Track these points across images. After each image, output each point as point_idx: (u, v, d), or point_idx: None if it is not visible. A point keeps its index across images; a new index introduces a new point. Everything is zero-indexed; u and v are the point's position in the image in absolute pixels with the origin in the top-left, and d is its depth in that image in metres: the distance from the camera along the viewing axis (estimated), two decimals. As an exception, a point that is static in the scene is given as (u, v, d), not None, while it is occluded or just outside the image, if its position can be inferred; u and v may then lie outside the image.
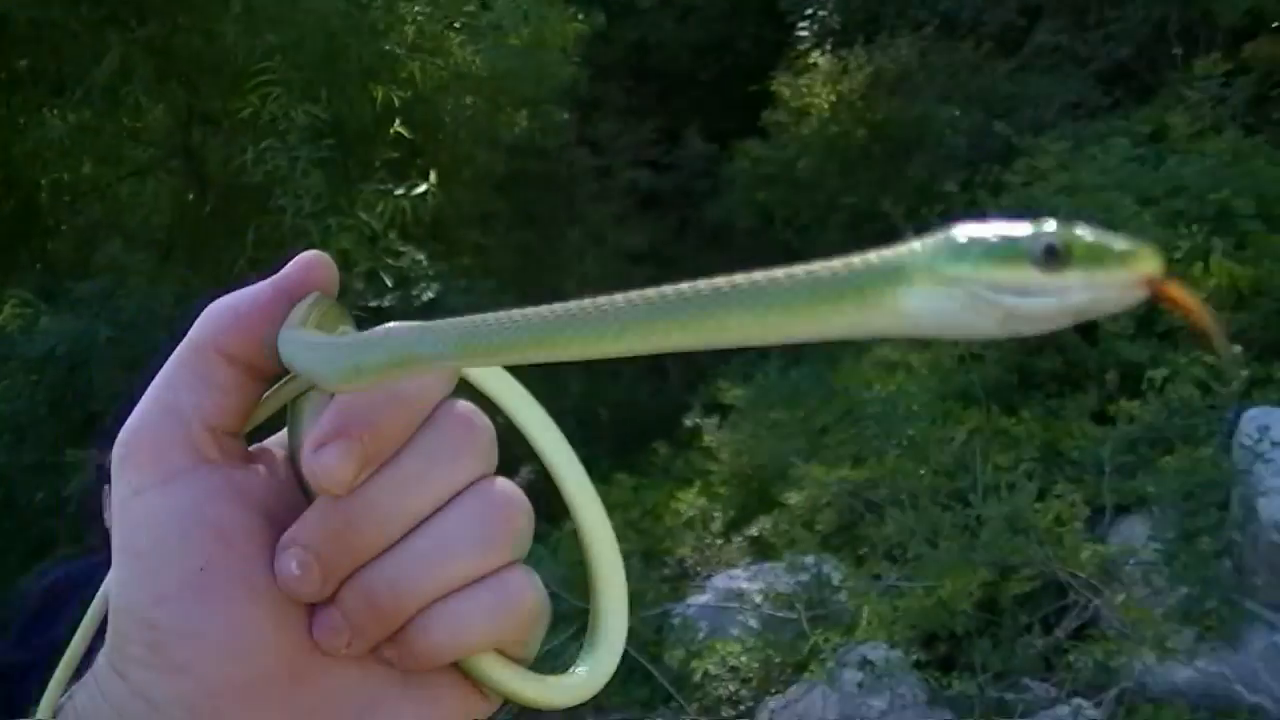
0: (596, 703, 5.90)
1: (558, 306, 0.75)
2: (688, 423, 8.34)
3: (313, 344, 0.81)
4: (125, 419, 0.85)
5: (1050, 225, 0.66)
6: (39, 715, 0.85)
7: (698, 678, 5.77)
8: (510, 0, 10.99)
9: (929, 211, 9.73)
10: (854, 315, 0.68)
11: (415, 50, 10.02)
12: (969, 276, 0.67)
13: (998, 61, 11.65)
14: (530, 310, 0.77)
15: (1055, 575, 5.58)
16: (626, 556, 0.95)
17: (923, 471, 6.43)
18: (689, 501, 7.29)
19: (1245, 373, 6.32)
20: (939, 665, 5.55)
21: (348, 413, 0.80)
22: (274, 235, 8.57)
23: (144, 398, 0.84)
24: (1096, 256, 0.66)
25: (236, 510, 0.81)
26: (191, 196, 10.08)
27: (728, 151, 12.55)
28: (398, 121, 9.47)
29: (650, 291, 0.73)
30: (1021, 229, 0.67)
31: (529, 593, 0.84)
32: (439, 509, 0.82)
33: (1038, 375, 7.12)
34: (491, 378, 0.95)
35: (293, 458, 0.85)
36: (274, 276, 0.84)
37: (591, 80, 12.30)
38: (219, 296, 0.86)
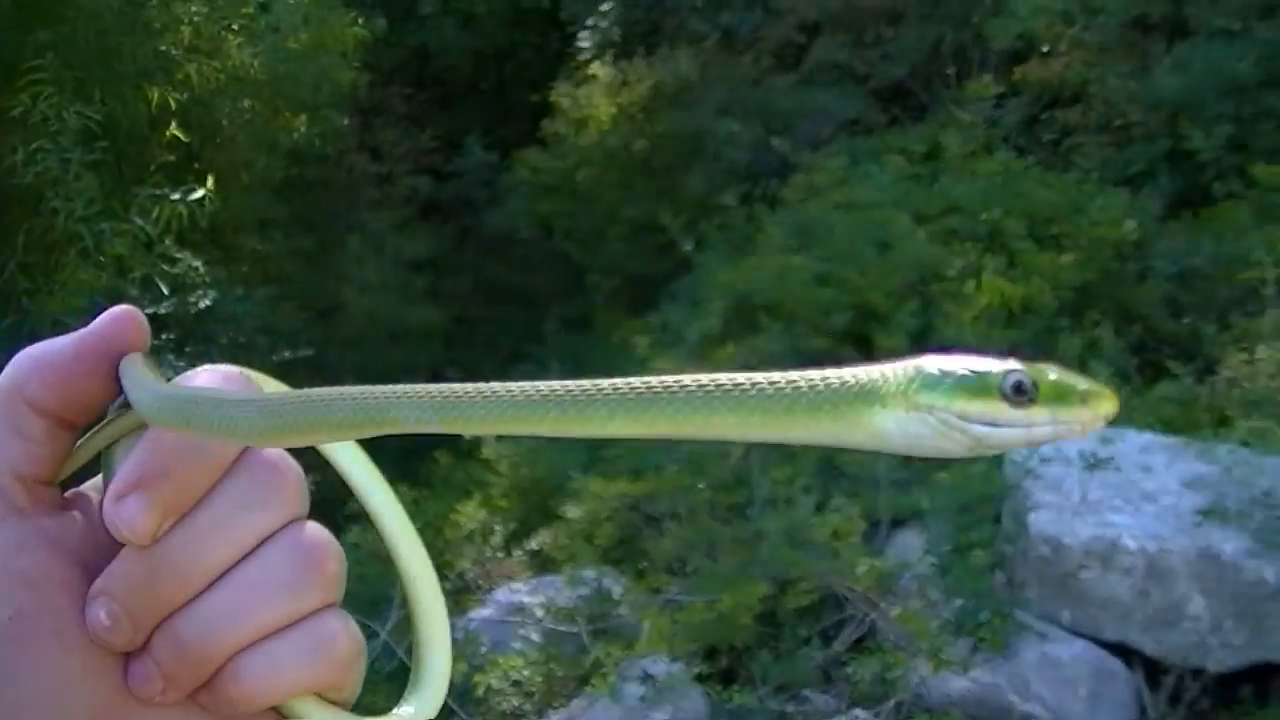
0: (374, 713, 5.88)
1: (497, 386, 0.77)
2: (469, 434, 8.33)
3: (159, 391, 0.81)
4: None
5: (1016, 364, 0.74)
6: None
7: (480, 692, 5.74)
8: (289, 3, 10.87)
9: (707, 224, 9.82)
10: (830, 428, 0.73)
11: (192, 51, 9.86)
12: (942, 406, 0.74)
13: (777, 77, 11.78)
14: (459, 389, 0.78)
15: (833, 588, 5.65)
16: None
17: (701, 486, 6.47)
18: (470, 514, 7.26)
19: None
20: (720, 678, 5.59)
21: (148, 462, 0.79)
22: (46, 239, 8.35)
23: None
24: (1061, 395, 0.74)
25: (48, 559, 0.80)
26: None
27: (508, 161, 12.53)
28: (174, 124, 9.31)
29: (639, 382, 0.77)
30: (992, 364, 0.74)
31: (342, 636, 0.84)
32: (248, 555, 0.82)
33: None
34: None
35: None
36: (83, 330, 0.83)
37: (372, 86, 12.22)
38: (27, 346, 0.85)
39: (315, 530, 0.84)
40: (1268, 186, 7.16)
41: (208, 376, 0.85)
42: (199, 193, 8.82)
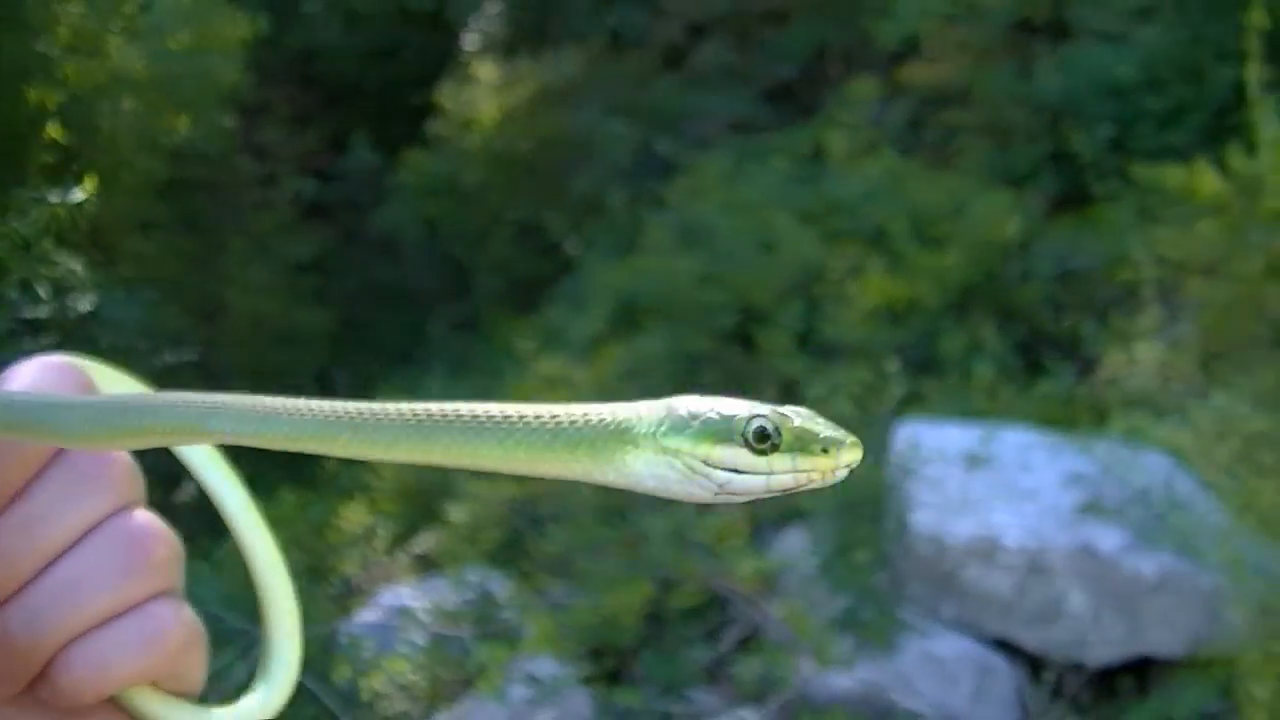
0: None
1: (314, 405, 0.78)
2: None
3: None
4: None
5: (764, 409, 0.78)
6: None
7: (366, 696, 5.71)
8: (171, 3, 10.77)
9: (592, 225, 9.83)
10: (587, 465, 0.77)
11: (71, 51, 9.75)
12: (687, 451, 0.77)
13: (663, 77, 11.80)
14: (265, 403, 0.78)
15: (718, 589, 5.66)
16: (293, 574, 0.95)
17: (584, 488, 6.46)
18: (353, 518, 7.22)
19: (899, 389, 6.52)
20: (606, 679, 5.59)
21: None
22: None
23: None
24: (804, 444, 0.76)
25: None
26: None
27: (393, 162, 12.47)
28: (52, 124, 9.20)
29: (421, 408, 0.79)
30: (738, 409, 0.78)
31: (174, 624, 0.83)
32: (75, 543, 0.81)
33: (700, 390, 7.21)
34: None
35: None
36: None
37: (256, 86, 12.11)
38: None
39: (144, 517, 0.83)
40: (1147, 187, 7.24)
41: (34, 368, 0.84)
42: (79, 194, 8.72)
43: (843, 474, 0.77)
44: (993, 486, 5.64)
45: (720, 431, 0.78)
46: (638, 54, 12.09)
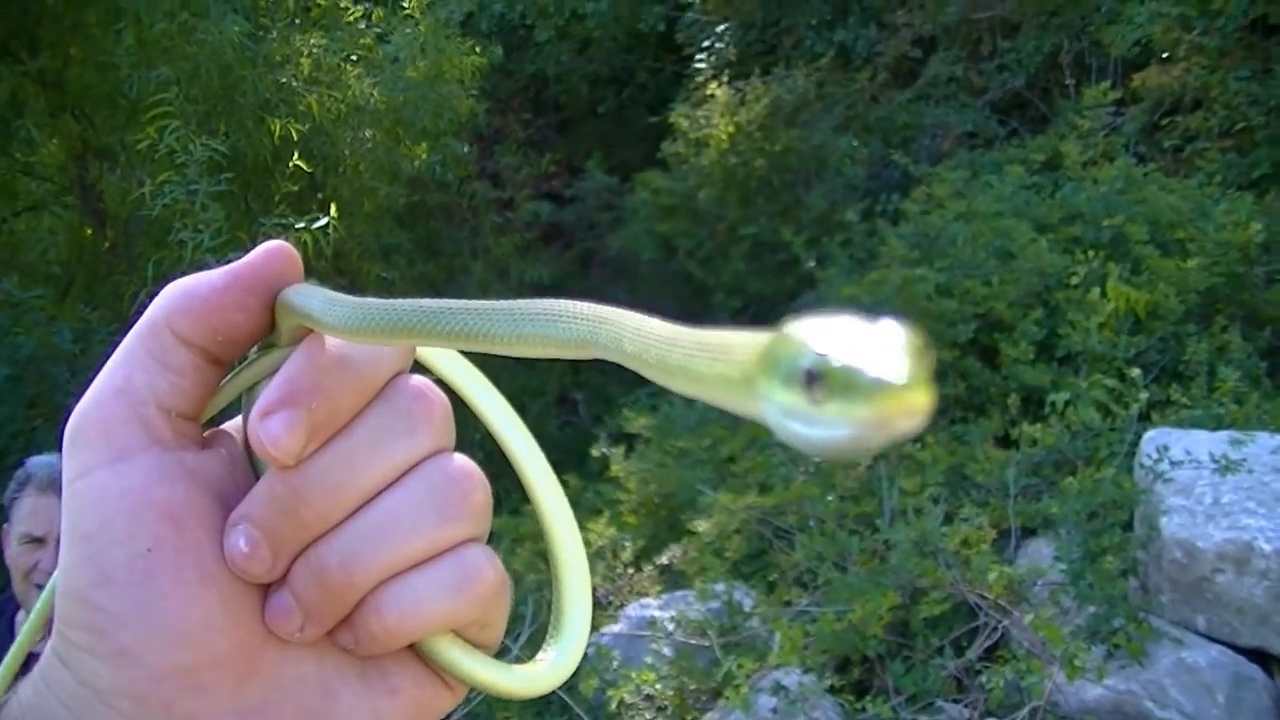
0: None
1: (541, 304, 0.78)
2: (595, 453, 8.31)
3: (331, 297, 0.82)
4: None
5: (825, 344, 0.62)
6: None
7: (614, 707, 5.75)
8: (408, 33, 10.97)
9: (830, 241, 9.79)
10: (728, 400, 0.69)
11: (312, 83, 9.96)
12: (768, 396, 0.64)
13: (894, 92, 11.74)
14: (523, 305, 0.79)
15: (965, 597, 5.62)
16: (539, 588, 0.95)
17: (830, 498, 6.45)
18: (599, 532, 7.26)
19: (1144, 395, 6.41)
20: (853, 689, 5.57)
21: (296, 379, 0.79)
22: (174, 269, 8.45)
23: (96, 379, 0.82)
24: (848, 389, 0.60)
25: (188, 492, 0.80)
26: (89, 231, 9.96)
27: (628, 183, 12.53)
28: (296, 155, 9.40)
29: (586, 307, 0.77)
30: (817, 339, 0.62)
31: (487, 569, 0.83)
32: (392, 483, 0.82)
33: (942, 401, 7.16)
34: (451, 365, 0.95)
35: (247, 442, 0.83)
36: (234, 263, 0.83)
37: (491, 113, 12.27)
38: (122, 330, 0.85)
39: (462, 460, 0.84)
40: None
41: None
42: (323, 221, 8.89)
43: (900, 429, 0.59)
44: (1245, 492, 5.52)
45: (786, 372, 0.63)
46: (868, 69, 12.05)
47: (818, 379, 0.60)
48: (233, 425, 0.87)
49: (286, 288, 0.83)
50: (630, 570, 7.04)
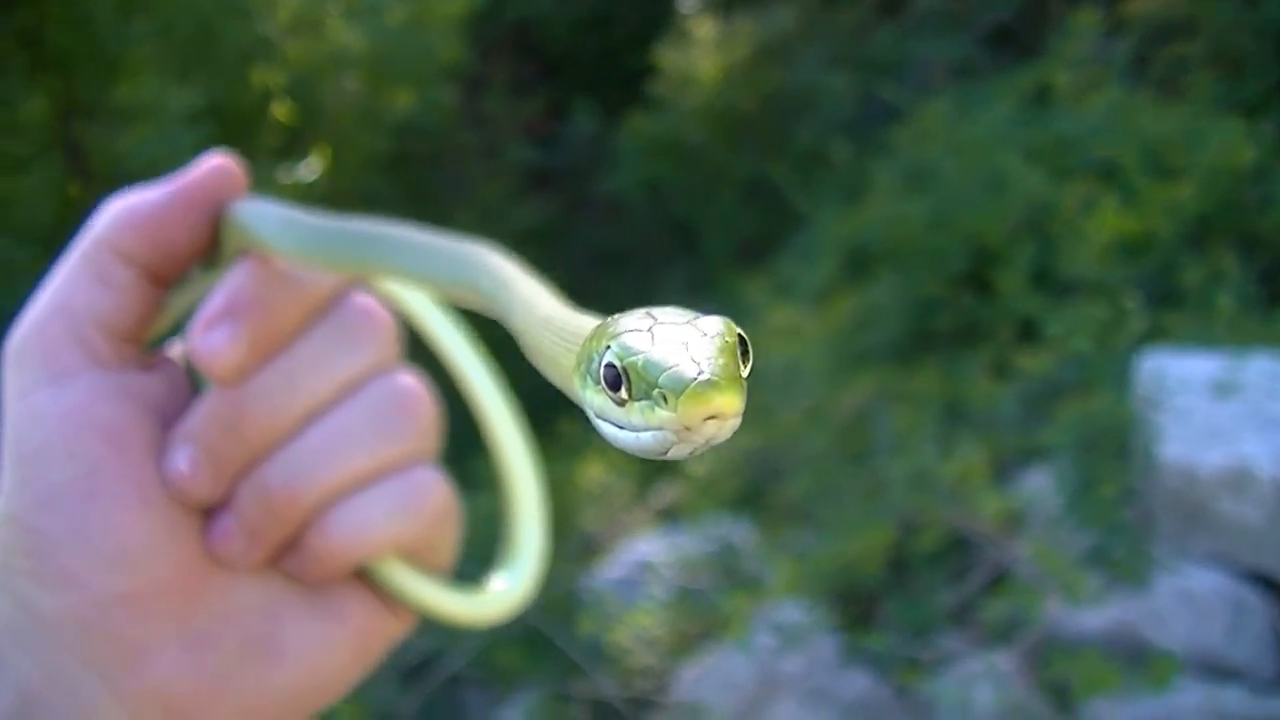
0: (508, 678, 5.91)
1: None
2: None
3: (284, 216, 0.79)
4: None
5: (628, 341, 0.60)
6: None
7: (610, 650, 5.76)
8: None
9: (818, 177, 9.78)
10: (573, 395, 0.65)
11: (292, 33, 9.93)
12: (582, 394, 0.63)
13: (880, 25, 11.70)
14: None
15: (962, 530, 5.61)
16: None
17: (824, 434, 6.45)
18: (593, 476, 7.26)
19: (1140, 322, 6.39)
20: (851, 624, 5.58)
21: (238, 294, 0.78)
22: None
23: (37, 298, 0.80)
24: (648, 389, 0.59)
25: (129, 413, 0.78)
26: (74, 190, 9.95)
27: (615, 126, 12.51)
28: (278, 105, 9.38)
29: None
30: (609, 342, 0.61)
31: (434, 489, 0.82)
32: (337, 400, 0.80)
33: (935, 333, 7.16)
34: (408, 292, 0.93)
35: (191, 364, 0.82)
36: (176, 179, 0.81)
37: (475, 59, 12.25)
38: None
39: (408, 379, 0.82)
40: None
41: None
42: (308, 171, 8.88)
43: (709, 432, 0.58)
44: (1242, 416, 5.50)
45: (588, 370, 0.62)
46: (854, 4, 11.99)
47: (623, 379, 0.59)
48: (177, 349, 0.86)
49: (230, 203, 0.82)
50: (625, 513, 7.04)
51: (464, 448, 1.06)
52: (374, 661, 0.84)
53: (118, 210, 0.81)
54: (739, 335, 0.62)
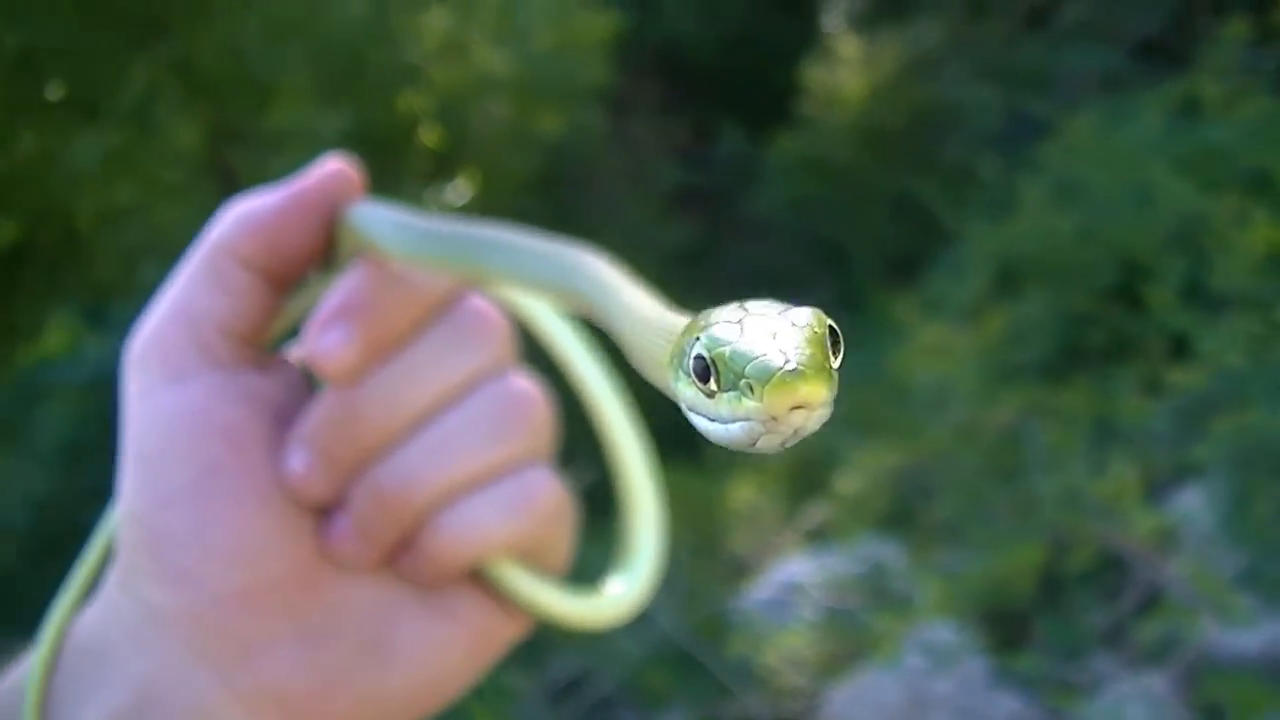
0: (658, 699, 5.91)
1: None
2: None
3: (397, 219, 0.80)
4: None
5: (717, 333, 0.60)
6: (44, 637, 0.82)
7: (759, 671, 5.74)
8: (535, 5, 10.99)
9: (967, 193, 9.70)
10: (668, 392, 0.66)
11: (440, 57, 10.01)
12: (677, 388, 0.64)
13: (1027, 39, 11.58)
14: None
15: (1114, 549, 5.54)
16: (684, 554, 0.94)
17: (973, 452, 6.39)
18: (743, 497, 7.24)
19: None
20: (1002, 645, 5.52)
21: (353, 296, 0.80)
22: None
23: (158, 302, 0.82)
24: (735, 379, 0.59)
25: (247, 414, 0.80)
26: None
27: (762, 145, 12.47)
28: (426, 128, 9.46)
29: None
30: (698, 335, 0.62)
31: (548, 491, 0.83)
32: (452, 402, 0.81)
33: (1085, 348, 7.07)
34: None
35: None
36: (294, 183, 0.83)
37: (621, 79, 12.27)
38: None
39: (523, 380, 0.83)
40: None
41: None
42: (456, 193, 8.94)
43: (797, 422, 0.59)
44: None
45: (680, 364, 0.63)
46: (1000, 17, 11.88)
47: (711, 370, 0.60)
48: (296, 352, 0.87)
49: (347, 207, 0.83)
50: (774, 532, 7.01)
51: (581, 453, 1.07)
52: (488, 664, 0.85)
53: (236, 215, 0.83)
54: (830, 326, 0.64)
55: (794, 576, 6.32)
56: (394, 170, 9.70)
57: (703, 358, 0.60)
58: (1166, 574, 5.39)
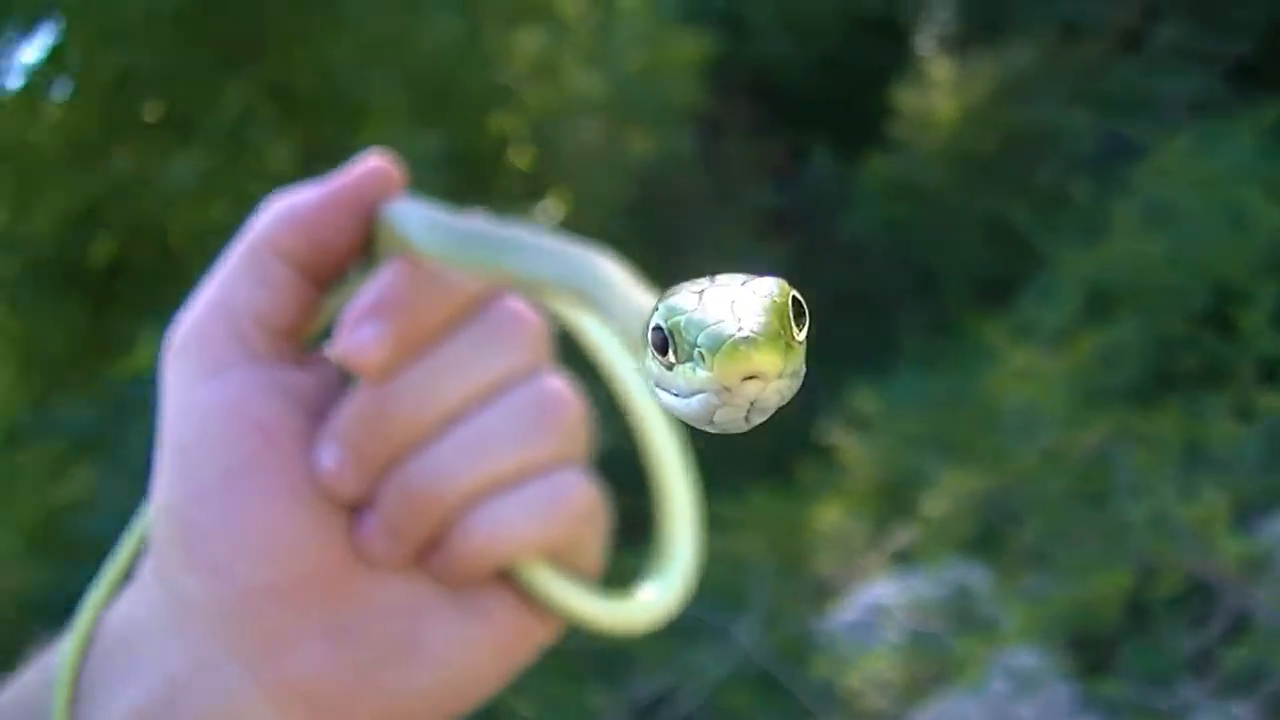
0: (737, 715, 5.90)
1: None
2: (823, 436, 8.25)
3: (428, 218, 0.80)
4: None
5: (675, 303, 0.59)
6: (77, 627, 0.83)
7: (842, 693, 5.72)
8: (627, 26, 11.00)
9: (1061, 217, 9.64)
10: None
11: (532, 78, 10.05)
12: (643, 364, 0.63)
13: (1120, 62, 11.49)
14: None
15: (1203, 575, 5.48)
16: (768, 575, 0.93)
17: (1061, 476, 6.35)
18: (829, 519, 7.22)
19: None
20: (1087, 671, 5.47)
21: (386, 293, 0.80)
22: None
23: (199, 295, 0.83)
24: (689, 348, 0.57)
25: (283, 408, 0.81)
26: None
27: (853, 168, 12.42)
28: (517, 150, 9.49)
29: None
30: (658, 306, 0.61)
31: (579, 492, 0.83)
32: (483, 401, 0.81)
33: (1176, 373, 7.01)
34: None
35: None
36: (334, 180, 0.84)
37: (712, 101, 12.26)
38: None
39: (556, 380, 0.83)
40: None
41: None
42: (546, 216, 8.96)
43: (751, 393, 0.57)
44: None
45: (645, 334, 0.61)
46: (1093, 40, 11.79)
47: (669, 341, 0.59)
48: (333, 348, 0.86)
49: (386, 204, 0.84)
50: (859, 554, 6.98)
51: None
52: (517, 667, 0.85)
53: (277, 210, 0.84)
54: (794, 297, 0.62)
55: (879, 599, 6.29)
56: (485, 191, 9.74)
57: (660, 328, 0.59)
58: (1255, 601, 5.33)
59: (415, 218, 0.81)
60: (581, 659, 5.68)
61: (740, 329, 0.56)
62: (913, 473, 7.10)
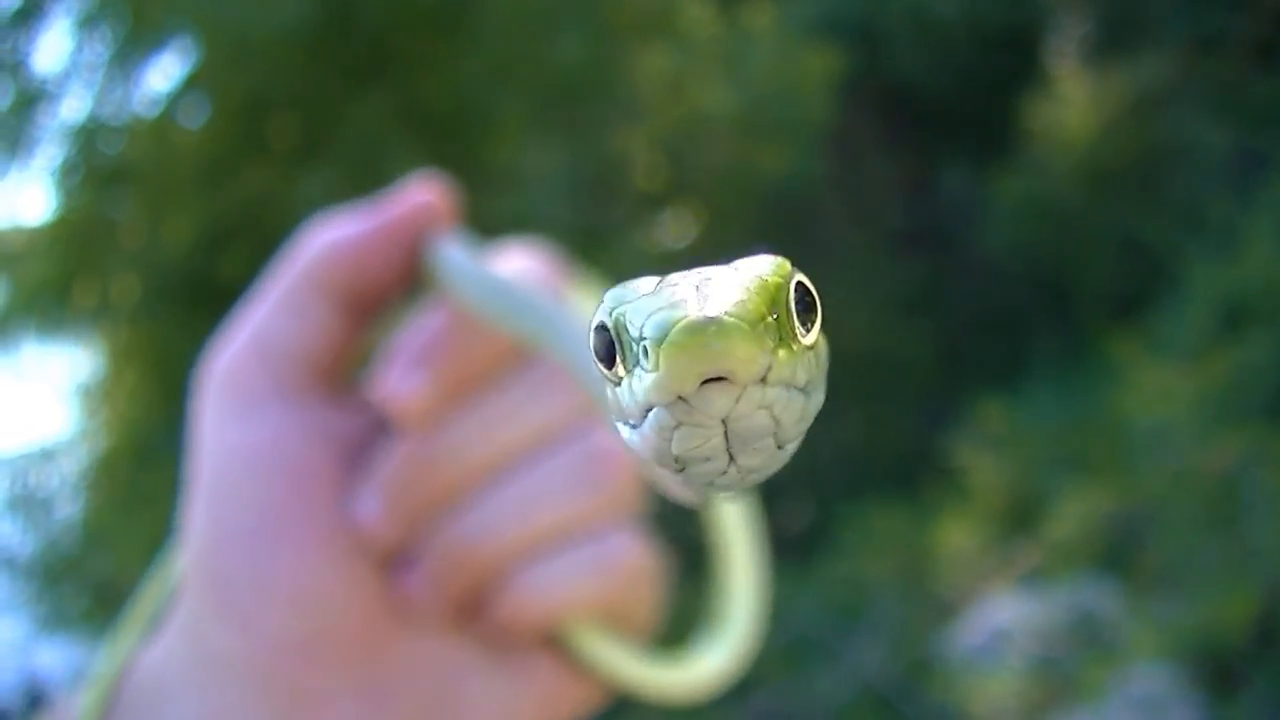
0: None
1: None
2: (948, 454, 8.19)
3: (471, 270, 0.77)
4: None
5: (631, 285, 0.46)
6: (95, 678, 0.80)
7: (962, 717, 5.67)
8: (758, 44, 10.97)
9: (1196, 234, 9.51)
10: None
11: (660, 95, 10.05)
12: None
13: (1257, 75, 11.34)
14: None
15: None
16: (890, 593, 0.88)
17: (1191, 496, 6.25)
18: (953, 540, 7.16)
19: None
20: (1214, 694, 5.38)
21: (431, 339, 0.77)
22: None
23: (238, 329, 0.81)
24: (634, 343, 0.44)
25: (317, 452, 0.79)
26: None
27: (985, 186, 12.34)
28: (645, 168, 9.50)
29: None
30: (599, 305, 0.47)
31: (630, 554, 0.79)
32: (530, 456, 0.78)
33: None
34: None
35: None
36: (379, 211, 0.82)
37: (844, 118, 12.22)
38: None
39: (606, 437, 0.79)
40: None
41: (521, 259, 0.83)
42: (676, 232, 8.96)
43: (716, 405, 0.41)
44: None
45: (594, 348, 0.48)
46: (1229, 52, 11.63)
47: (615, 343, 0.45)
48: (373, 392, 0.84)
49: (435, 238, 0.81)
50: (982, 574, 6.92)
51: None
52: None
53: (320, 244, 0.82)
54: (798, 282, 0.50)
55: (1001, 621, 6.22)
56: (611, 208, 9.75)
57: (604, 326, 0.46)
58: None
59: (459, 269, 0.78)
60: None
61: (703, 310, 0.42)
62: (1040, 492, 7.02)
